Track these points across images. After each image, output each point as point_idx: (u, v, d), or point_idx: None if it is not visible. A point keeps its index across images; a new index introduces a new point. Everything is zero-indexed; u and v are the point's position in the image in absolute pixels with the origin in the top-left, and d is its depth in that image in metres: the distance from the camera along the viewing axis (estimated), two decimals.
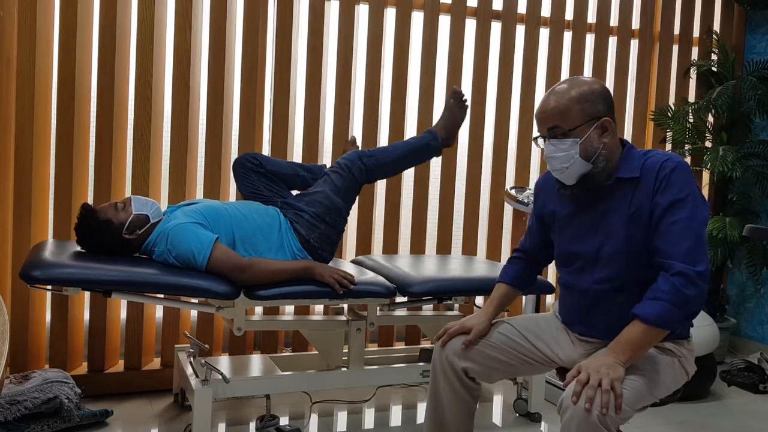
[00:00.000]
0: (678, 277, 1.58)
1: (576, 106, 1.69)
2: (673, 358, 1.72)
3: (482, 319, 1.89)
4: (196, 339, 2.64)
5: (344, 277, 2.34)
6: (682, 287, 1.57)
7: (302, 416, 2.72)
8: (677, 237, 1.60)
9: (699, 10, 3.87)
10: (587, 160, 1.70)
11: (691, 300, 1.57)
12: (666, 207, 1.63)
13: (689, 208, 1.61)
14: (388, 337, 3.30)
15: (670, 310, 1.57)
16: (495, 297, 1.99)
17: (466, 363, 1.83)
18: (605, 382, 1.50)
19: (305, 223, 2.46)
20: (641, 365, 1.65)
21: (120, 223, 2.30)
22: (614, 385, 1.50)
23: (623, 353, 1.58)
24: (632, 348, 1.58)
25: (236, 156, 3.00)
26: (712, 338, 3.01)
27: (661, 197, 1.65)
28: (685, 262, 1.58)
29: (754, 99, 3.68)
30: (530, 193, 3.34)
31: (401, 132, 3.26)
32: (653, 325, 1.57)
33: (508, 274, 2.05)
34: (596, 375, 1.51)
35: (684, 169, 1.66)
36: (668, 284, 1.58)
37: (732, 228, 3.40)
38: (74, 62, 2.72)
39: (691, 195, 1.63)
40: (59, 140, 2.73)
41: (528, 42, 3.48)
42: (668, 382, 1.70)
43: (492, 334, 1.87)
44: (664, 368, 1.69)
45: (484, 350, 1.84)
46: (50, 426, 2.36)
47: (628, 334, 1.60)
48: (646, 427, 2.73)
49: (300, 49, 3.13)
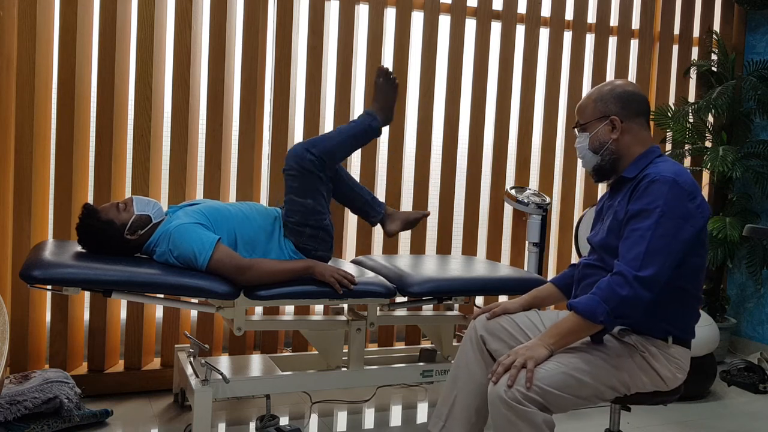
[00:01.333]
0: (616, 276, 1.67)
1: (591, 104, 1.88)
2: (634, 353, 1.76)
3: (515, 302, 2.03)
4: (196, 339, 2.64)
5: (344, 277, 2.35)
6: (616, 285, 1.66)
7: (302, 416, 2.72)
8: (631, 243, 1.70)
9: (699, 10, 3.87)
10: (595, 152, 1.88)
11: (623, 299, 1.65)
12: (633, 214, 1.74)
13: (653, 219, 1.69)
14: (388, 337, 3.30)
15: (597, 303, 1.66)
16: (536, 290, 2.10)
17: (485, 333, 1.93)
18: (519, 360, 1.63)
19: (292, 231, 2.45)
20: (584, 351, 1.72)
21: (122, 223, 2.30)
22: (526, 363, 1.62)
23: (550, 337, 1.70)
24: (560, 333, 1.70)
25: (236, 156, 3.01)
26: (712, 338, 3.01)
27: (632, 204, 1.75)
28: (629, 265, 1.67)
29: (754, 99, 3.68)
30: (530, 193, 3.35)
31: (401, 132, 3.26)
32: (579, 314, 1.68)
33: (558, 276, 2.13)
34: (514, 355, 1.65)
35: (664, 184, 1.71)
36: (605, 281, 1.69)
37: (732, 228, 3.40)
38: (74, 62, 2.72)
39: (660, 208, 1.69)
40: (59, 140, 2.73)
41: (528, 42, 3.48)
42: (620, 374, 1.73)
43: (517, 315, 1.98)
44: (615, 358, 1.74)
45: (504, 325, 1.94)
46: (50, 426, 2.36)
47: (560, 322, 1.72)
48: (646, 427, 2.73)
49: (300, 49, 3.13)
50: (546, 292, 2.08)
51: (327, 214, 2.47)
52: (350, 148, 2.51)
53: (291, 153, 2.42)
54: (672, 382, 1.80)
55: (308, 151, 2.41)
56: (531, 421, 1.57)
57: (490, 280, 2.61)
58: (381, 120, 2.56)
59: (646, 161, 1.82)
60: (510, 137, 3.50)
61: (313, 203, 2.43)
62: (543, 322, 1.97)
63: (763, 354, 3.49)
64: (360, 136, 2.52)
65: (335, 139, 2.46)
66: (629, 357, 1.75)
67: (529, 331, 1.93)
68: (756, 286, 3.84)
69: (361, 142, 2.53)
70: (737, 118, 3.79)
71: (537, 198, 3.30)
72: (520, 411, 1.57)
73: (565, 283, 2.08)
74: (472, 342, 1.94)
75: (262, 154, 3.09)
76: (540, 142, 3.56)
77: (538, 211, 3.25)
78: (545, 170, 3.57)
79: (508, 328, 1.93)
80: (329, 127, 3.21)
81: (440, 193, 3.37)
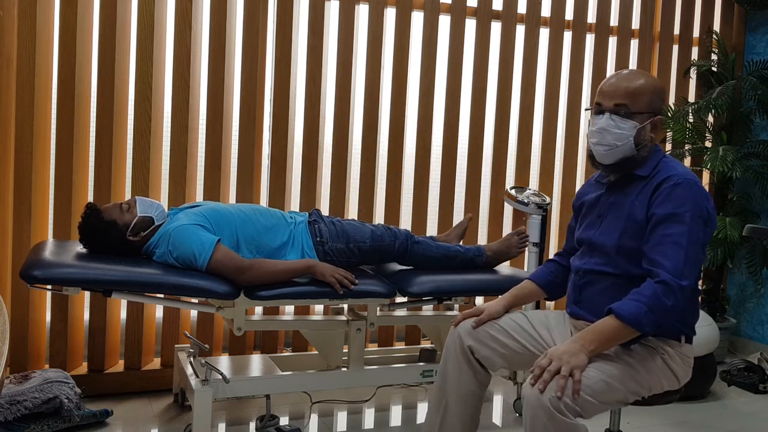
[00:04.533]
0: (661, 285, 1.64)
1: (648, 95, 1.78)
2: (654, 355, 1.75)
3: (496, 304, 1.95)
4: (196, 339, 2.64)
5: (345, 277, 2.35)
6: (663, 295, 1.63)
7: (302, 416, 2.71)
8: (668, 249, 1.66)
9: (699, 10, 3.87)
10: (636, 145, 1.78)
11: (668, 309, 1.63)
12: (662, 218, 1.70)
13: (685, 224, 1.67)
14: (388, 337, 3.30)
15: (644, 313, 1.62)
16: (516, 288, 2.04)
17: (473, 342, 1.88)
18: (564, 368, 1.56)
19: (333, 231, 2.48)
20: (615, 357, 1.69)
21: (125, 224, 2.31)
22: (573, 372, 1.56)
23: (591, 342, 1.63)
24: (600, 339, 1.64)
25: (236, 156, 3.01)
26: (712, 338, 3.01)
27: (658, 208, 1.71)
28: (672, 273, 1.64)
29: (754, 99, 3.68)
30: (530, 193, 3.34)
31: (401, 132, 3.26)
32: (625, 323, 1.63)
33: (536, 272, 2.08)
34: (557, 361, 1.57)
35: (689, 187, 1.71)
36: (650, 289, 1.64)
37: (732, 228, 3.40)
38: (74, 62, 2.72)
39: (689, 212, 1.68)
40: (59, 140, 2.73)
41: (528, 42, 3.48)
42: (645, 377, 1.72)
43: (503, 319, 1.92)
44: (641, 362, 1.72)
45: (492, 332, 1.89)
46: (50, 426, 2.36)
47: (600, 326, 1.65)
48: (646, 427, 2.73)
49: (300, 49, 3.13)
50: (526, 290, 2.03)
51: (357, 257, 2.54)
52: (441, 262, 2.65)
53: (401, 233, 2.59)
54: (683, 380, 1.81)
55: (408, 239, 2.58)
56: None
57: (490, 280, 2.61)
58: (486, 258, 2.73)
59: (656, 160, 1.81)
60: (510, 137, 3.50)
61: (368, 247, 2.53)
62: (532, 324, 1.93)
63: (763, 354, 3.49)
64: (457, 259, 2.68)
65: (434, 248, 2.64)
66: (652, 360, 1.74)
67: (518, 336, 1.89)
68: (756, 286, 3.84)
69: (455, 263, 2.68)
70: (737, 118, 3.78)
71: (537, 198, 3.30)
72: (561, 422, 1.53)
73: (546, 280, 2.04)
74: (457, 351, 1.89)
75: (262, 154, 3.08)
76: (540, 142, 3.56)
77: (538, 211, 3.25)
78: (545, 170, 3.57)
79: (496, 335, 1.89)
80: (329, 127, 3.21)
81: (440, 193, 3.37)
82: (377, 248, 2.53)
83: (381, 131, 3.27)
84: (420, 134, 3.30)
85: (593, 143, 1.82)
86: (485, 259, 2.73)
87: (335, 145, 3.16)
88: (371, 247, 2.52)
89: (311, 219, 2.54)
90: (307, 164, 3.12)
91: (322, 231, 2.48)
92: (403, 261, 2.64)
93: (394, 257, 2.60)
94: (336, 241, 2.48)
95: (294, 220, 2.53)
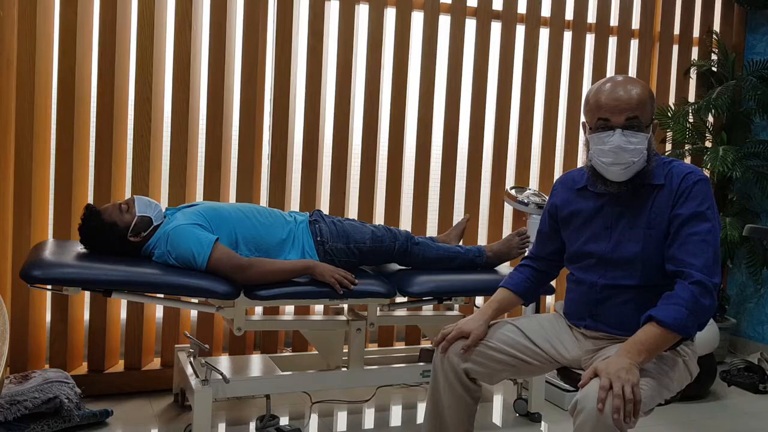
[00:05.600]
0: (696, 286, 1.60)
1: (650, 101, 1.71)
2: (677, 358, 1.73)
3: (479, 322, 1.86)
4: (196, 339, 2.64)
5: (345, 277, 2.35)
6: (700, 296, 1.60)
7: (302, 416, 2.72)
8: (696, 248, 1.63)
9: (699, 10, 3.87)
10: (648, 157, 1.71)
11: (707, 309, 1.60)
12: (687, 218, 1.66)
13: (709, 221, 1.65)
14: (388, 337, 3.30)
15: (687, 317, 1.58)
16: (494, 300, 1.96)
17: (468, 364, 1.82)
18: (627, 389, 1.49)
19: (333, 231, 2.48)
20: (651, 367, 1.65)
21: (125, 225, 2.31)
22: (635, 391, 1.50)
23: (638, 354, 1.57)
24: (647, 350, 1.58)
25: (236, 156, 3.01)
26: (712, 338, 3.01)
27: (682, 208, 1.68)
28: (703, 272, 1.61)
29: (754, 99, 3.68)
30: (530, 193, 3.34)
31: (401, 132, 3.26)
32: (670, 330, 1.58)
33: (511, 279, 2.01)
34: (618, 381, 1.50)
35: (706, 183, 1.70)
36: (687, 292, 1.60)
37: (732, 228, 3.40)
38: (74, 62, 2.72)
39: (710, 209, 1.67)
40: (59, 140, 2.73)
41: (528, 42, 3.48)
42: (674, 382, 1.71)
43: (494, 335, 1.85)
44: (671, 369, 1.69)
45: (486, 351, 1.83)
46: (50, 426, 2.36)
47: (643, 336, 1.59)
48: (646, 427, 2.73)
49: (300, 49, 3.13)
50: (506, 302, 1.96)
51: (357, 257, 2.53)
52: (441, 262, 2.65)
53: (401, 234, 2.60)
54: (693, 377, 1.80)
55: (408, 240, 2.59)
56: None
57: (490, 280, 2.61)
58: (486, 258, 2.73)
59: (661, 164, 1.76)
60: (510, 137, 3.50)
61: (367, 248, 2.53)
62: (527, 335, 1.86)
63: (763, 354, 3.49)
64: (458, 260, 2.68)
65: (434, 248, 2.64)
66: (676, 364, 1.72)
67: (515, 350, 1.84)
68: (756, 286, 3.84)
69: (455, 264, 2.68)
70: (737, 118, 3.78)
71: (537, 198, 3.30)
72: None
73: (524, 288, 1.98)
74: (449, 376, 1.82)
75: (262, 154, 3.08)
76: (540, 142, 3.56)
77: (538, 211, 3.25)
78: (545, 170, 3.57)
79: (490, 352, 1.83)
80: (329, 127, 3.21)
81: (440, 193, 3.37)
82: (377, 249, 2.53)
83: (381, 131, 3.27)
84: (420, 134, 3.30)
85: (607, 163, 1.70)
86: (485, 259, 2.73)
87: (335, 145, 3.16)
88: (371, 248, 2.52)
89: (312, 218, 2.54)
90: (307, 164, 3.12)
91: (323, 231, 2.48)
92: (402, 262, 2.64)
93: (393, 258, 2.60)
94: (336, 241, 2.48)
95: (294, 219, 2.53)
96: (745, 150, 3.67)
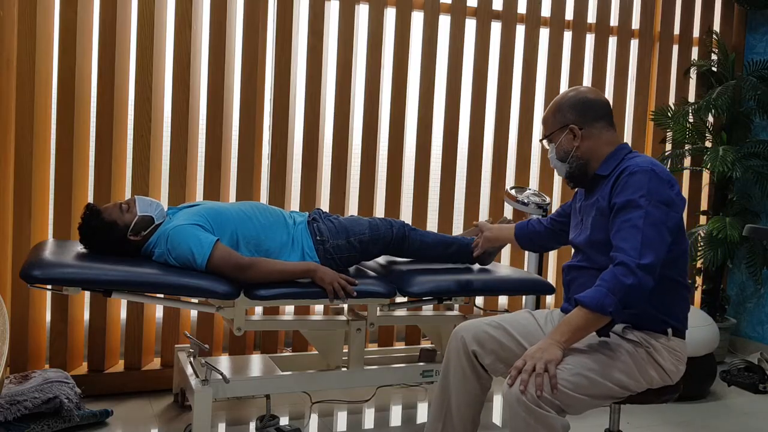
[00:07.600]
0: (620, 267, 1.67)
1: (551, 116, 1.94)
2: (637, 348, 1.77)
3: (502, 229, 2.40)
4: (196, 339, 2.64)
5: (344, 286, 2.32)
6: (621, 275, 1.66)
7: (302, 416, 2.72)
8: (627, 234, 1.71)
9: (699, 10, 3.87)
10: (562, 161, 1.93)
11: (630, 288, 1.66)
12: (620, 206, 1.76)
13: (642, 208, 1.72)
14: (388, 337, 3.30)
15: (605, 295, 1.66)
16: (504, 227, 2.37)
17: (477, 347, 1.90)
18: (539, 365, 1.60)
19: (332, 228, 2.48)
20: (594, 351, 1.73)
21: (125, 224, 2.31)
22: (547, 367, 1.60)
23: (561, 334, 1.68)
24: (570, 329, 1.68)
25: (236, 156, 3.01)
26: (712, 338, 3.01)
27: (617, 198, 1.77)
28: (630, 254, 1.68)
29: (754, 99, 3.68)
30: (530, 193, 3.34)
31: (401, 132, 3.26)
32: (588, 308, 1.66)
33: (520, 223, 2.32)
34: (531, 360, 1.62)
35: (644, 174, 1.76)
36: (609, 273, 1.69)
37: (732, 228, 3.40)
38: (74, 62, 2.72)
39: (645, 198, 1.73)
40: (59, 140, 2.73)
41: (528, 42, 3.48)
42: (630, 370, 1.74)
43: (509, 322, 1.94)
44: (623, 355, 1.75)
45: (497, 336, 1.91)
46: (50, 426, 2.36)
47: (569, 318, 1.70)
48: (646, 427, 2.73)
49: (300, 49, 3.13)
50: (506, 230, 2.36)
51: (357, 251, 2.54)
52: (436, 250, 2.68)
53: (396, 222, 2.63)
54: (675, 376, 1.82)
55: (404, 227, 2.61)
56: (551, 426, 1.58)
57: (490, 280, 2.61)
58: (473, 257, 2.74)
59: (618, 158, 1.87)
60: (510, 137, 3.50)
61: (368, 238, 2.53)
62: (539, 324, 1.95)
63: (763, 354, 3.49)
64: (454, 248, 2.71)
65: (430, 235, 2.68)
66: (635, 353, 1.76)
67: (523, 339, 1.90)
68: (756, 286, 3.84)
69: (450, 251, 2.71)
70: (737, 118, 3.78)
71: (537, 198, 3.30)
72: (539, 415, 1.57)
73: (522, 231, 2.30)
74: (460, 355, 1.92)
75: (262, 154, 3.08)
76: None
77: (538, 211, 3.25)
78: (545, 170, 3.57)
79: (500, 339, 1.90)
80: (329, 127, 3.21)
81: (440, 193, 3.37)
82: (376, 238, 2.54)
83: (381, 131, 3.27)
84: (420, 134, 3.30)
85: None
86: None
87: (335, 145, 3.16)
88: (371, 238, 2.53)
89: (310, 218, 2.54)
90: (307, 164, 3.12)
91: (322, 229, 2.48)
92: (401, 250, 2.63)
93: (393, 245, 2.59)
94: (336, 238, 2.48)
95: (294, 221, 2.53)
96: (745, 150, 3.67)
